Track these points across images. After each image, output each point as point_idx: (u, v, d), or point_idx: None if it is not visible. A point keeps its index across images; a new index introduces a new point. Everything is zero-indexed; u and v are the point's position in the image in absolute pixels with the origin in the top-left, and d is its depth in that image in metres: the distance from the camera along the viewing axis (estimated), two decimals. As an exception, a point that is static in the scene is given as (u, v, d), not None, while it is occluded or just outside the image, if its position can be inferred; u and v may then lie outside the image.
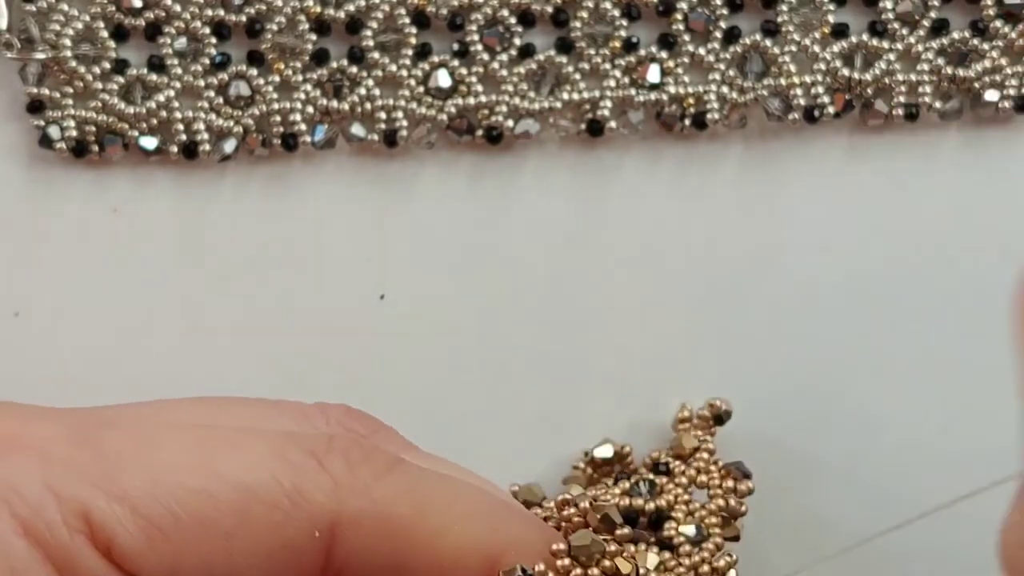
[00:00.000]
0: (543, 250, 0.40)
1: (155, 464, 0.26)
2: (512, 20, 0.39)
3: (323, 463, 0.27)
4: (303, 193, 0.40)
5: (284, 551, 0.26)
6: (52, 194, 0.40)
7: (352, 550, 0.27)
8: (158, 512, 0.26)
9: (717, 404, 0.38)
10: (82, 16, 0.39)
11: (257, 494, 0.26)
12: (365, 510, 0.27)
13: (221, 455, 0.27)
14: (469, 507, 0.28)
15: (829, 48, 0.39)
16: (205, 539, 0.26)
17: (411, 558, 0.27)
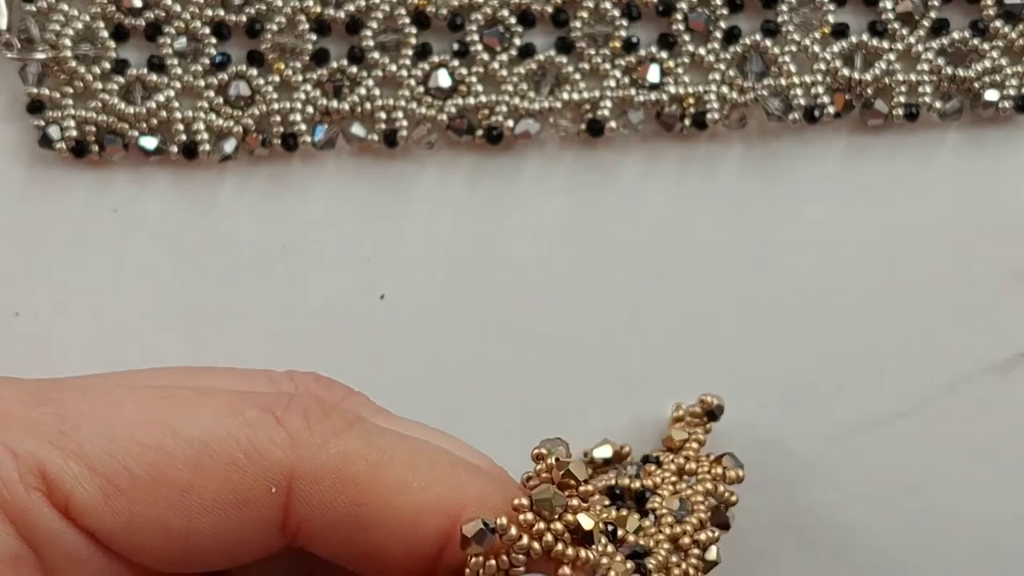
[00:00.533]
0: (543, 250, 0.40)
1: (112, 422, 0.26)
2: (512, 20, 0.39)
3: (280, 420, 0.27)
4: (303, 193, 0.40)
5: (241, 506, 0.27)
6: (52, 194, 0.40)
7: (310, 505, 0.27)
8: (114, 468, 0.26)
9: (708, 400, 0.38)
10: (82, 16, 0.39)
11: (212, 450, 0.26)
12: (322, 465, 0.27)
13: (178, 413, 0.27)
14: (428, 465, 0.28)
15: (829, 48, 0.39)
16: (161, 495, 0.26)
17: (369, 514, 0.27)
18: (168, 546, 0.27)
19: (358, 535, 0.27)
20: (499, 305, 0.39)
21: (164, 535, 0.26)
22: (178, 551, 0.27)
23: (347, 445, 0.27)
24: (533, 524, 0.27)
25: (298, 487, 0.27)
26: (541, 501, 0.27)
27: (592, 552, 0.27)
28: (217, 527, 0.27)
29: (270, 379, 0.30)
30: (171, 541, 0.26)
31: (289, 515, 0.27)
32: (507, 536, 0.26)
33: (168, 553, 0.27)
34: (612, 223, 0.40)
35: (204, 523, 0.26)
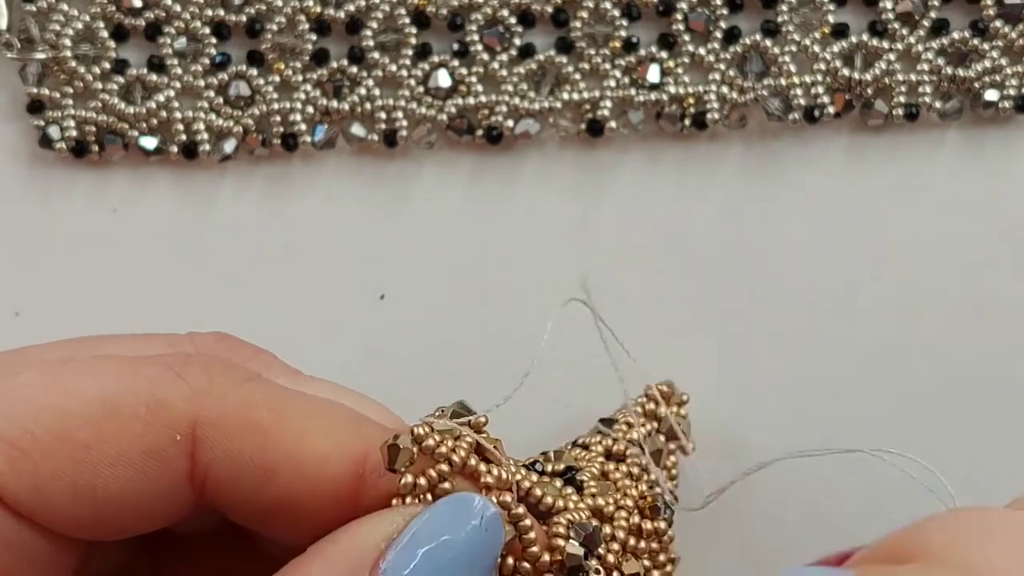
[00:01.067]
0: (543, 250, 0.40)
1: (10, 389, 0.26)
2: (512, 20, 0.39)
3: (181, 374, 0.27)
4: (303, 193, 0.40)
5: (147, 458, 0.27)
6: (52, 194, 0.40)
7: (215, 452, 0.27)
8: (14, 432, 0.26)
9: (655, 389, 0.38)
10: (82, 16, 0.39)
11: (113, 406, 0.26)
12: (224, 413, 0.27)
13: (78, 375, 0.27)
14: (329, 415, 0.28)
15: (829, 48, 0.39)
16: (65, 454, 0.26)
17: (274, 460, 0.27)
18: (77, 505, 0.26)
19: (266, 483, 0.27)
20: (499, 304, 0.39)
21: (72, 493, 0.26)
22: (88, 510, 0.26)
23: (248, 395, 0.27)
24: (435, 448, 0.27)
25: (202, 434, 0.27)
26: (439, 426, 0.27)
27: (504, 469, 0.27)
28: (125, 482, 0.26)
29: (169, 343, 0.30)
30: (80, 500, 0.26)
31: (196, 464, 0.27)
32: (425, 445, 0.27)
33: (79, 513, 0.27)
34: (612, 223, 0.40)
35: (111, 478, 0.26)
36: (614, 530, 0.29)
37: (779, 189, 0.40)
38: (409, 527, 0.26)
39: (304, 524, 0.27)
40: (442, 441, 0.27)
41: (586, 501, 0.29)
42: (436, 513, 0.26)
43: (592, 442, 0.34)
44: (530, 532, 0.27)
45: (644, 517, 0.30)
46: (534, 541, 0.27)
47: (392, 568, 0.25)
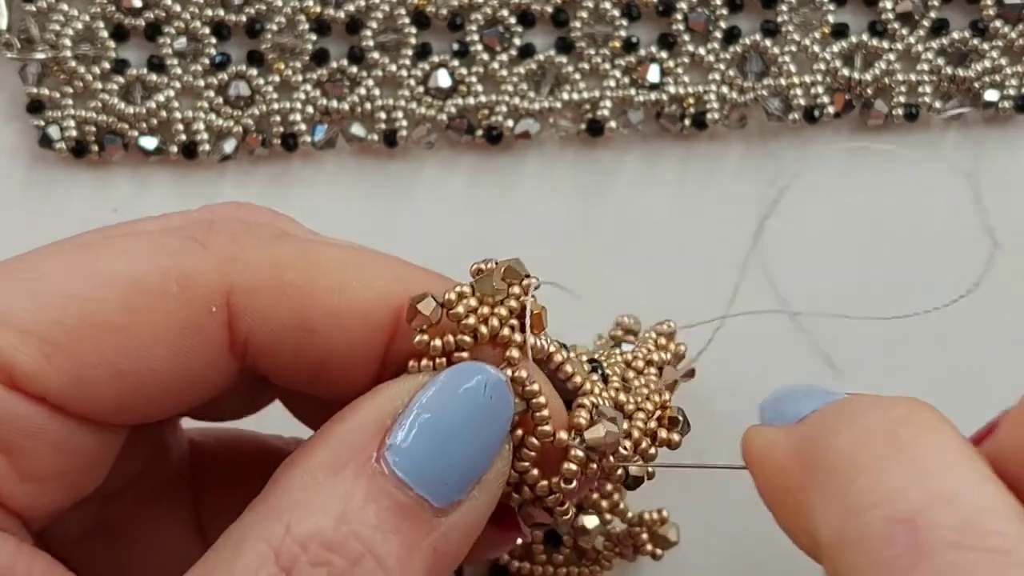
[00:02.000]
0: (543, 249, 0.40)
1: (33, 281, 0.26)
2: (512, 20, 0.39)
3: (206, 244, 0.26)
4: (303, 193, 0.40)
5: (184, 334, 0.26)
6: (52, 194, 0.40)
7: (252, 318, 0.26)
8: (46, 326, 0.25)
9: (626, 320, 0.38)
10: (82, 16, 0.39)
11: (142, 285, 0.26)
12: (257, 277, 0.26)
13: (99, 258, 0.26)
14: (364, 264, 0.27)
15: (829, 48, 0.39)
16: (101, 341, 0.25)
17: (314, 316, 0.26)
18: (122, 392, 0.26)
19: (306, 339, 0.26)
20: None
21: (114, 380, 0.25)
22: (133, 395, 0.26)
23: (278, 255, 0.27)
24: (477, 308, 0.26)
25: (237, 301, 0.26)
26: (483, 287, 0.26)
27: (541, 339, 0.27)
28: (166, 360, 0.26)
29: (186, 218, 0.29)
30: (123, 385, 0.26)
31: (235, 332, 0.26)
32: (453, 312, 0.26)
33: (124, 400, 0.26)
34: (612, 223, 0.40)
35: (151, 359, 0.26)
36: (631, 428, 0.29)
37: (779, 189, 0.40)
38: (414, 401, 0.25)
39: (347, 375, 0.27)
40: (474, 309, 0.26)
41: (610, 393, 0.28)
42: (440, 384, 0.26)
43: (613, 352, 0.33)
44: (543, 410, 0.26)
45: (661, 425, 0.30)
46: (546, 419, 0.26)
47: (397, 443, 0.25)
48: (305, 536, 0.24)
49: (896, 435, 0.23)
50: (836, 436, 0.24)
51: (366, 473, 0.24)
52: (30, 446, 0.25)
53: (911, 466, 0.23)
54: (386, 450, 0.25)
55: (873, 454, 0.23)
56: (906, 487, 0.22)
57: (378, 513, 0.24)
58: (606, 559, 0.37)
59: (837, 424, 0.24)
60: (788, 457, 0.25)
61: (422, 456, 0.25)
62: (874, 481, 0.23)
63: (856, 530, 0.22)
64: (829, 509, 0.23)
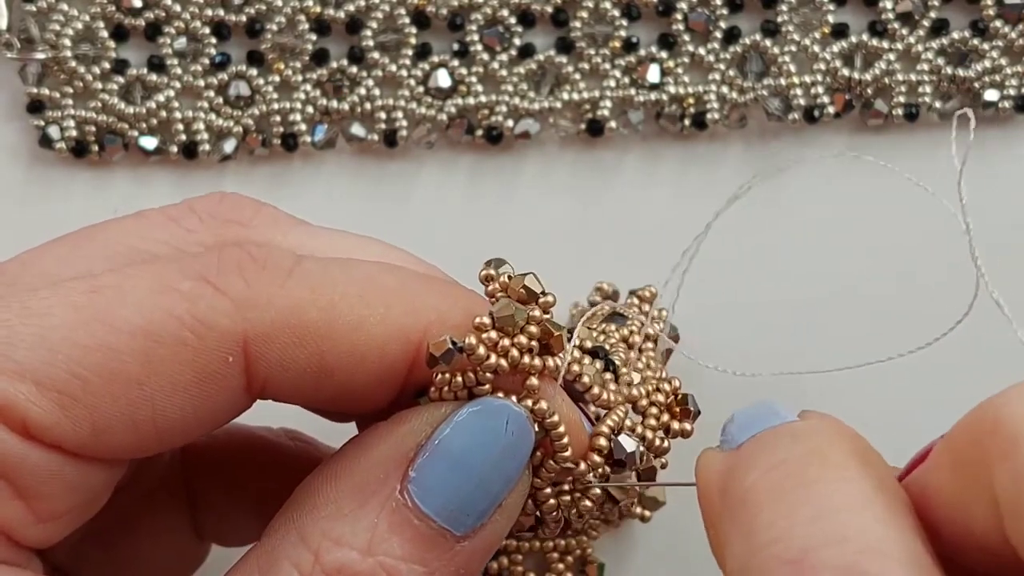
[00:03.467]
0: (543, 249, 0.40)
1: (46, 331, 0.25)
2: (512, 20, 0.39)
3: (218, 285, 0.26)
4: (303, 193, 0.40)
5: (201, 383, 0.26)
6: (52, 194, 0.40)
7: (270, 365, 0.26)
8: (62, 378, 0.25)
9: (605, 287, 0.38)
10: (82, 16, 0.39)
11: (158, 336, 0.25)
12: (273, 322, 0.26)
13: (111, 305, 0.26)
14: (380, 293, 0.27)
15: (829, 48, 0.39)
16: (118, 393, 0.25)
17: (332, 359, 0.26)
18: (140, 438, 0.26)
19: (325, 380, 0.26)
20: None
21: (133, 430, 0.25)
22: (151, 439, 0.26)
23: (293, 296, 0.26)
24: (498, 341, 0.26)
25: (254, 350, 0.26)
26: (504, 317, 0.26)
27: (558, 359, 0.27)
28: (183, 407, 0.26)
29: (167, 215, 0.29)
30: (141, 433, 0.26)
31: (252, 378, 0.26)
32: (474, 356, 0.26)
33: (142, 444, 0.26)
34: (612, 223, 0.40)
35: (169, 407, 0.26)
36: (644, 429, 0.29)
37: (779, 189, 0.40)
38: (436, 434, 0.26)
39: (359, 402, 0.27)
40: (495, 343, 0.26)
41: (623, 391, 0.29)
42: (462, 418, 0.26)
43: (608, 330, 0.33)
44: (563, 439, 0.26)
45: (673, 417, 0.30)
46: (565, 447, 0.27)
47: (420, 476, 0.25)
48: (334, 567, 0.25)
49: (802, 471, 0.23)
50: (750, 470, 0.24)
51: (390, 505, 0.25)
52: (46, 491, 0.25)
53: (811, 505, 0.23)
54: (409, 483, 0.25)
55: (777, 490, 0.23)
56: (801, 526, 0.22)
57: (402, 544, 0.25)
58: (593, 527, 0.37)
59: (754, 456, 0.25)
60: (713, 486, 0.25)
61: (444, 490, 0.25)
62: (774, 518, 0.23)
63: (755, 567, 0.22)
64: (736, 543, 0.23)
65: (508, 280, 0.27)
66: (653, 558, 0.39)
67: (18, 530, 0.25)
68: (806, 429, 0.25)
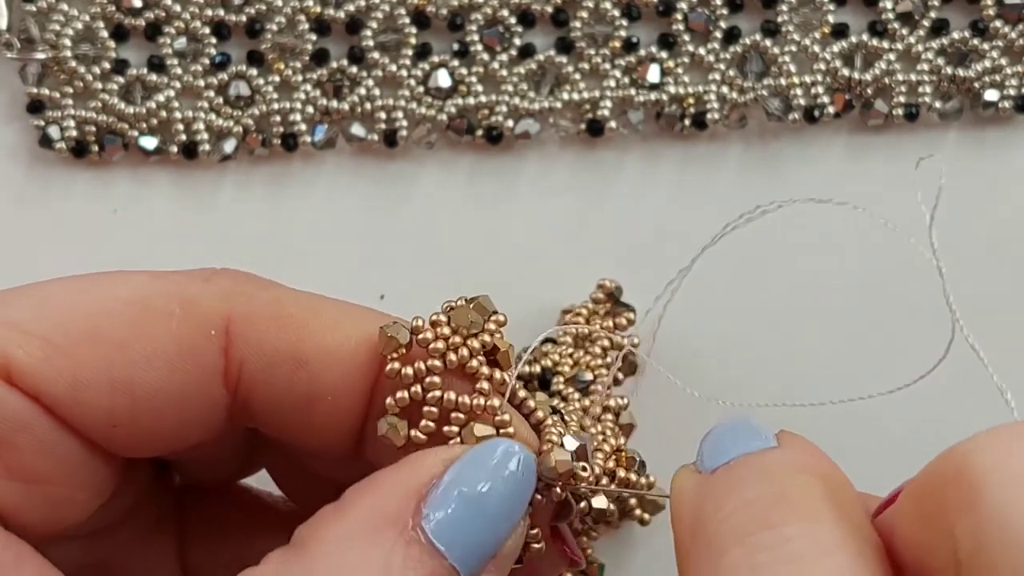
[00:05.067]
0: (543, 249, 0.40)
1: (43, 294, 0.27)
2: (512, 20, 0.39)
3: (209, 280, 0.28)
4: (303, 193, 0.40)
5: (182, 354, 0.27)
6: (52, 194, 0.40)
7: (248, 346, 0.27)
8: (50, 329, 0.26)
9: (608, 284, 0.38)
10: (82, 16, 0.39)
11: (148, 305, 0.27)
12: (256, 310, 0.27)
13: (107, 282, 0.27)
14: (356, 311, 0.28)
15: (829, 48, 0.39)
16: (101, 351, 0.26)
17: (306, 349, 0.27)
18: (114, 404, 0.26)
19: (298, 371, 0.27)
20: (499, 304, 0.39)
21: (109, 390, 0.26)
22: (125, 409, 0.27)
23: (277, 295, 0.28)
24: (448, 337, 0.27)
25: (235, 329, 0.27)
26: (459, 318, 0.27)
27: (507, 375, 0.28)
28: (160, 379, 0.27)
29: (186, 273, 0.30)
30: (117, 398, 0.26)
31: (230, 360, 0.27)
32: (422, 337, 0.27)
33: (115, 411, 0.26)
34: (612, 223, 0.40)
35: (147, 375, 0.26)
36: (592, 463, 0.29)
37: (779, 189, 0.40)
38: (449, 471, 0.26)
39: (332, 418, 0.28)
40: (446, 337, 0.27)
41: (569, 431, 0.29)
42: (474, 458, 0.26)
43: (569, 396, 0.35)
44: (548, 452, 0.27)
45: (619, 465, 0.31)
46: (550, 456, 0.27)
47: (433, 513, 0.25)
48: None
49: (769, 515, 0.24)
50: (719, 508, 0.24)
51: (403, 540, 0.25)
52: (18, 441, 0.26)
53: (776, 550, 0.23)
54: (422, 519, 0.25)
55: (743, 532, 0.23)
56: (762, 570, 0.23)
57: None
58: (593, 529, 0.37)
59: (725, 492, 0.25)
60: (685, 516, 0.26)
61: (457, 526, 0.26)
62: (738, 561, 0.23)
63: None
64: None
65: (465, 300, 0.28)
66: (653, 558, 0.39)
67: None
68: (779, 465, 0.25)
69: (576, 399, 0.35)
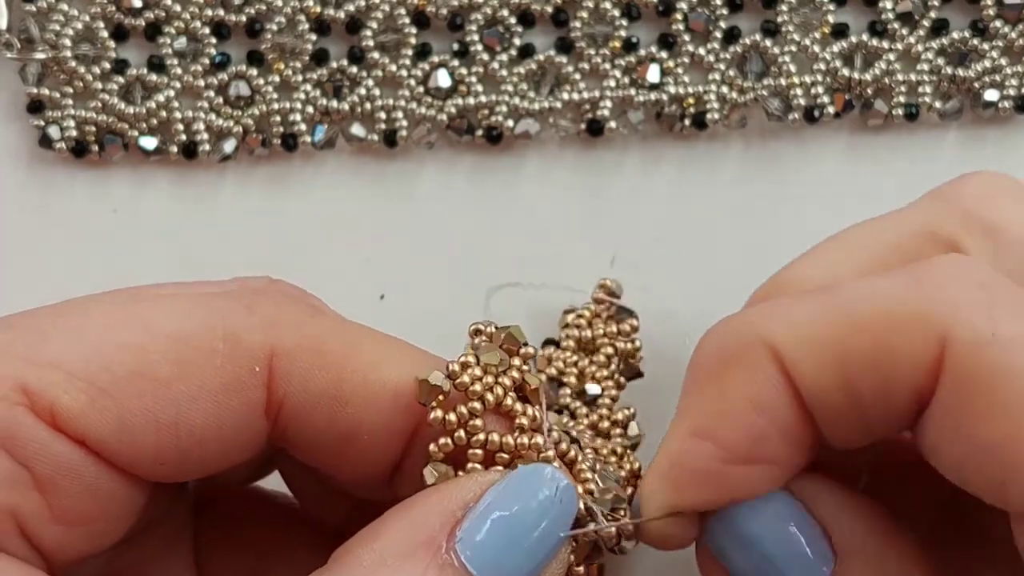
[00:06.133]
0: (543, 249, 0.40)
1: (84, 328, 0.26)
2: (512, 20, 0.39)
3: (251, 308, 0.27)
4: (303, 193, 0.40)
5: (227, 391, 0.26)
6: (52, 194, 0.40)
7: (291, 382, 0.27)
8: (94, 371, 0.25)
9: (608, 284, 0.38)
10: (82, 16, 0.39)
11: (191, 341, 0.26)
12: (299, 344, 0.27)
13: (149, 311, 0.27)
14: (398, 348, 0.28)
15: (829, 48, 0.39)
16: (146, 391, 0.26)
17: (349, 388, 0.27)
18: (160, 443, 0.26)
19: (338, 411, 0.27)
20: (499, 304, 0.39)
21: (155, 431, 0.26)
22: (170, 448, 0.26)
23: (320, 327, 0.28)
24: (482, 378, 0.27)
25: (279, 365, 0.27)
26: (489, 357, 0.28)
27: (537, 409, 0.28)
28: (206, 416, 0.26)
29: (220, 286, 0.30)
30: (162, 437, 0.26)
31: (271, 395, 0.27)
32: (459, 381, 0.27)
33: (161, 451, 0.26)
34: (612, 223, 0.40)
35: (192, 413, 0.26)
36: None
37: (779, 189, 0.40)
38: (485, 496, 0.26)
39: (368, 456, 0.28)
40: (479, 378, 0.27)
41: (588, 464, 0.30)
42: (512, 483, 0.26)
43: (577, 410, 0.35)
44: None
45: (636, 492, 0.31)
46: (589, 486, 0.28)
47: (468, 537, 0.25)
48: None
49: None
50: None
51: (436, 562, 0.25)
52: (65, 486, 0.26)
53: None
54: (456, 542, 0.25)
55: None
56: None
57: None
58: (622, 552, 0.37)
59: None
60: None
61: (492, 551, 0.25)
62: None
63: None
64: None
65: (494, 331, 0.28)
66: (654, 559, 0.39)
67: (32, 523, 0.26)
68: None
69: (584, 414, 0.35)
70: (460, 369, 0.27)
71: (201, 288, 0.29)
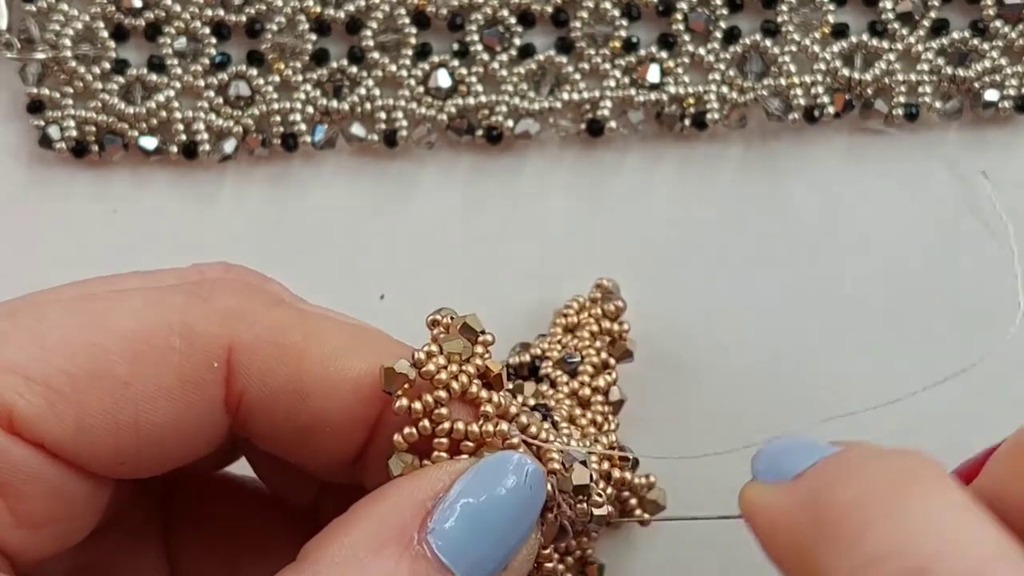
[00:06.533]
0: (543, 249, 0.40)
1: (40, 331, 0.26)
2: (512, 20, 0.39)
3: (209, 300, 0.27)
4: (303, 193, 0.40)
5: (185, 388, 0.26)
6: (52, 194, 0.40)
7: (250, 377, 0.27)
8: (51, 373, 0.25)
9: (605, 283, 0.38)
10: (82, 16, 0.39)
11: (148, 338, 0.26)
12: (258, 337, 0.27)
13: (105, 311, 0.26)
14: (359, 335, 0.28)
15: (829, 48, 0.39)
16: (104, 391, 0.26)
17: (308, 383, 0.27)
18: (120, 443, 0.26)
19: (299, 404, 0.27)
20: (499, 304, 0.39)
21: (114, 431, 0.26)
22: (130, 447, 0.26)
23: (279, 318, 0.27)
24: (446, 366, 0.27)
25: (237, 359, 0.27)
26: (452, 346, 0.28)
27: (502, 395, 0.28)
28: (165, 414, 0.26)
29: (177, 276, 0.30)
30: (122, 436, 0.26)
31: (231, 390, 0.27)
32: (425, 370, 0.27)
33: (121, 450, 0.26)
34: (612, 223, 0.40)
35: (152, 412, 0.26)
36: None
37: (779, 189, 0.40)
38: (455, 485, 0.26)
39: (332, 445, 0.27)
40: (444, 367, 0.27)
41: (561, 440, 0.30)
42: (481, 471, 0.26)
43: (558, 379, 0.35)
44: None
45: (613, 465, 0.31)
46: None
47: (439, 527, 0.25)
48: None
49: (902, 488, 0.23)
50: (842, 490, 0.24)
51: (409, 554, 0.25)
52: (27, 490, 0.26)
53: (919, 518, 0.23)
54: (428, 533, 0.25)
55: (881, 507, 0.23)
56: (915, 539, 0.22)
57: None
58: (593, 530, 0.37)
59: (842, 478, 0.24)
60: (795, 514, 0.25)
61: (464, 540, 0.25)
62: (883, 534, 0.23)
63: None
64: (841, 560, 0.23)
65: (451, 320, 0.28)
66: (653, 559, 0.39)
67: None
68: (886, 451, 0.25)
69: (564, 382, 0.35)
70: (426, 358, 0.27)
71: (159, 279, 0.29)
